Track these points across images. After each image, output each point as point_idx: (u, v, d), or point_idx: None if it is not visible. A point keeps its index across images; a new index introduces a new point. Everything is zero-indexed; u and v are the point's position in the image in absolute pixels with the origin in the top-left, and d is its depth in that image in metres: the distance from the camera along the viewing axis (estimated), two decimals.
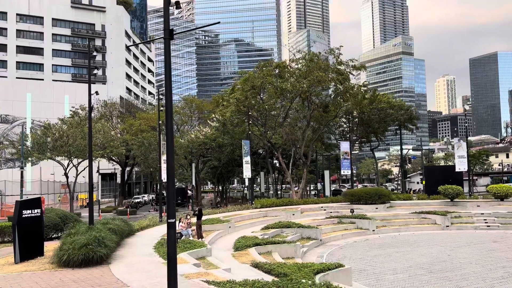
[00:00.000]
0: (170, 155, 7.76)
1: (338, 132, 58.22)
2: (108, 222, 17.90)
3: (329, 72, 37.74)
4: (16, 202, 14.45)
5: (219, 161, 57.66)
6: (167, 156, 7.75)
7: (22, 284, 11.28)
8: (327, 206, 35.17)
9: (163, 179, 27.43)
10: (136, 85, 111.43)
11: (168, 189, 7.68)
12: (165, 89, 7.88)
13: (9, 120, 77.42)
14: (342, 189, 63.10)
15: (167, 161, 7.80)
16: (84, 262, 13.18)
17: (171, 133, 7.77)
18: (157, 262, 13.84)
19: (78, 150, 43.43)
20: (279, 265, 14.56)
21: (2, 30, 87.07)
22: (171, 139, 7.77)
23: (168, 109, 7.80)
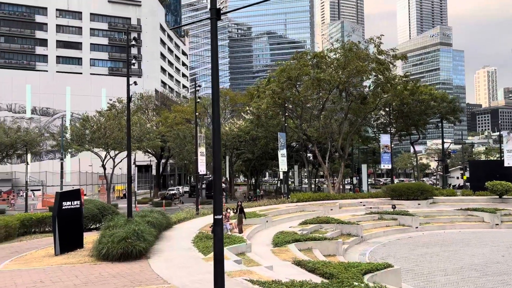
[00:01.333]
0: (217, 145, 7.13)
1: (376, 124, 56.44)
2: (146, 214, 17.63)
3: (368, 62, 36.31)
4: (56, 193, 14.33)
5: (253, 154, 57.21)
6: (214, 147, 7.13)
7: (62, 277, 11.03)
8: (366, 201, 33.98)
9: (199, 171, 27.11)
10: (170, 78, 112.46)
11: (215, 183, 7.06)
12: (211, 74, 7.25)
13: (50, 113, 79.73)
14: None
15: (213, 153, 7.18)
16: (123, 256, 12.87)
17: (218, 122, 7.14)
18: (197, 258, 13.37)
19: (115, 142, 43.97)
20: (324, 264, 13.78)
21: (42, 25, 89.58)
22: (218, 129, 7.14)
23: (214, 96, 7.16)
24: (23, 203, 48.09)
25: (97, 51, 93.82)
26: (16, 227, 22.04)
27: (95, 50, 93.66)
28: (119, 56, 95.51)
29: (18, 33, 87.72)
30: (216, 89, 7.19)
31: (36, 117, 77.90)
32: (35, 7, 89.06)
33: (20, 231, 22.50)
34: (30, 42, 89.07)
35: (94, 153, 46.67)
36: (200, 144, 27.32)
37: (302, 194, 34.97)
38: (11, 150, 43.38)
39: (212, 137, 7.12)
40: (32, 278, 11.05)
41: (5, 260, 13.95)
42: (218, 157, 7.18)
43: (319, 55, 37.77)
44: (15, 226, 21.91)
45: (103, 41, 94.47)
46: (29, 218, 23.73)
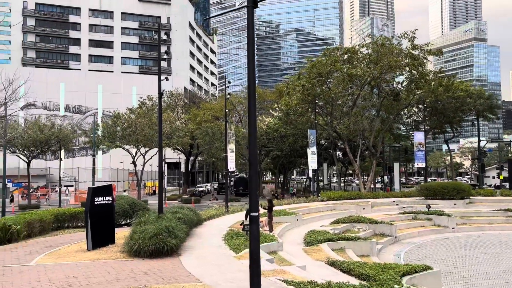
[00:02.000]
0: (253, 139, 6.79)
1: (409, 122, 54.88)
2: (177, 211, 17.53)
3: (402, 57, 35.21)
4: (89, 188, 14.36)
5: (281, 152, 56.74)
6: (250, 140, 6.79)
7: (94, 273, 10.97)
8: (400, 200, 33.01)
9: (228, 168, 26.92)
10: (199, 76, 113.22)
11: (251, 179, 6.71)
12: (248, 65, 6.91)
13: (82, 111, 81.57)
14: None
15: (250, 146, 6.85)
16: (154, 252, 12.74)
17: (254, 115, 6.79)
18: (228, 255, 13.11)
19: (145, 139, 44.44)
20: (359, 265, 13.28)
21: (76, 25, 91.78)
22: (254, 122, 6.80)
23: (251, 88, 6.82)
24: (57, 198, 49.37)
25: (127, 49, 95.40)
26: (50, 221, 22.40)
27: (125, 49, 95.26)
28: (149, 55, 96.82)
29: (53, 33, 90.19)
30: (252, 80, 6.85)
31: (69, 114, 79.86)
32: (69, 7, 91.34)
33: (54, 225, 22.85)
34: (64, 42, 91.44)
35: (125, 149, 47.34)
36: (229, 141, 27.13)
37: (333, 192, 34.31)
38: (45, 146, 44.50)
39: (248, 130, 6.78)
40: (65, 273, 11.04)
41: (39, 254, 14.09)
42: (254, 152, 6.84)
43: (350, 50, 36.91)
44: (49, 221, 22.26)
45: (133, 40, 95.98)
46: (62, 213, 24.10)
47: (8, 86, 23.16)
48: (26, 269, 11.68)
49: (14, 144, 39.26)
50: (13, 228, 17.81)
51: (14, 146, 41.10)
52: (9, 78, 24.36)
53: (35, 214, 22.08)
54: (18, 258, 13.33)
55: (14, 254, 14.11)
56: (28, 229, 19.24)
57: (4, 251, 14.89)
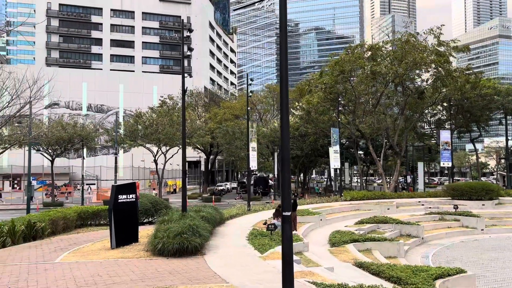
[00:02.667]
0: (285, 133, 6.44)
1: (434, 120, 53.56)
2: (200, 209, 17.32)
3: (428, 54, 34.28)
4: (112, 186, 14.24)
5: (301, 151, 56.17)
6: (282, 135, 6.44)
7: (118, 272, 10.81)
8: (425, 200, 32.15)
9: (250, 167, 26.62)
10: (219, 75, 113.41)
11: (283, 176, 6.37)
12: (280, 52, 6.56)
13: (104, 110, 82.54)
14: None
15: (282, 142, 6.49)
16: (178, 251, 12.53)
17: (286, 106, 6.44)
18: (253, 256, 12.79)
19: (167, 138, 44.58)
20: (389, 267, 12.78)
21: (98, 25, 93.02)
22: (286, 114, 6.45)
23: (283, 76, 6.47)
24: (79, 196, 49.98)
25: (148, 49, 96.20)
26: (74, 219, 22.52)
27: (146, 49, 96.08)
28: (170, 54, 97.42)
29: (76, 33, 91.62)
30: (285, 67, 6.51)
31: (91, 113, 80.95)
32: (91, 8, 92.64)
33: (77, 223, 22.97)
34: (86, 42, 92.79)
35: (147, 148, 47.62)
36: (251, 139, 26.83)
37: (356, 192, 33.67)
38: (69, 144, 45.06)
39: (281, 123, 6.44)
40: (90, 271, 10.91)
41: (64, 251, 14.05)
42: (287, 147, 6.49)
43: (374, 47, 36.15)
44: (73, 219, 22.38)
45: (154, 40, 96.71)
46: (85, 211, 24.24)
47: (33, 84, 23.39)
48: (51, 266, 11.61)
49: (39, 142, 39.84)
50: (38, 225, 17.89)
51: (38, 144, 41.73)
52: (34, 76, 24.64)
53: (59, 211, 22.23)
54: (43, 256, 13.31)
55: (39, 252, 14.11)
56: (52, 226, 19.35)
57: (29, 248, 14.92)
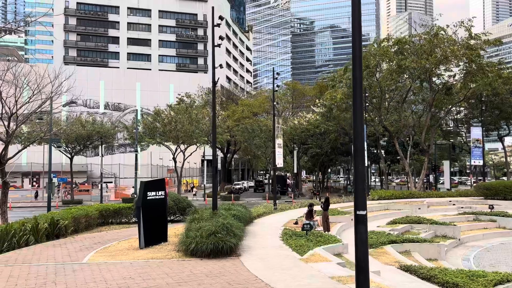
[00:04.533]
0: (359, 119, 5.51)
1: (459, 117, 51.85)
2: (230, 207, 16.49)
3: (459, 47, 32.88)
4: (141, 183, 13.45)
5: (321, 149, 55.06)
6: (355, 119, 5.51)
7: (151, 274, 10.00)
8: (456, 200, 30.82)
9: (277, 164, 25.70)
10: (235, 73, 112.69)
11: (356, 168, 5.43)
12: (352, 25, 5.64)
13: (121, 108, 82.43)
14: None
15: (354, 128, 5.57)
16: (212, 252, 11.67)
17: (360, 88, 5.51)
18: (293, 258, 11.86)
19: (185, 135, 43.97)
20: (441, 271, 11.75)
21: (115, 23, 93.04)
22: (360, 98, 5.52)
23: (356, 51, 5.54)
24: (97, 194, 49.71)
25: (165, 47, 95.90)
26: (96, 217, 21.99)
27: (163, 47, 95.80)
28: (186, 52, 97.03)
29: (93, 31, 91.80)
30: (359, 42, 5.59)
31: (108, 112, 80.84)
32: (108, 6, 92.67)
33: (98, 221, 22.43)
34: (103, 40, 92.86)
35: (165, 146, 47.07)
36: (277, 135, 25.90)
37: (383, 191, 32.53)
38: (88, 142, 44.76)
39: (353, 106, 5.51)
40: (121, 273, 10.12)
41: (90, 251, 13.34)
42: (361, 135, 5.56)
43: (402, 41, 34.86)
44: (95, 216, 21.84)
45: (170, 38, 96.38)
46: (106, 209, 23.71)
47: (55, 79, 22.88)
48: (79, 267, 10.86)
49: (59, 139, 39.58)
50: (61, 223, 17.29)
51: (59, 141, 41.48)
52: (56, 71, 24.14)
53: (81, 209, 21.66)
54: (69, 255, 12.60)
55: (64, 251, 13.41)
56: (74, 224, 18.77)
57: (54, 247, 14.26)
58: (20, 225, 15.00)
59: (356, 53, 5.66)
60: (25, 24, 72.23)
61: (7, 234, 13.64)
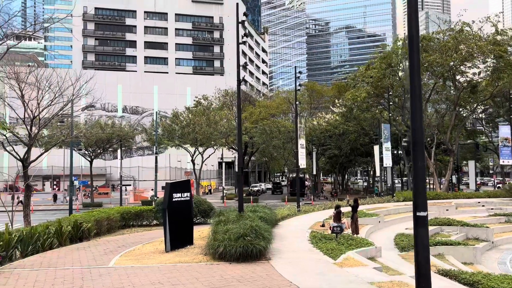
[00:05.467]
0: (418, 108, 4.99)
1: (485, 116, 50.45)
2: (256, 209, 16.02)
3: (485, 43, 31.86)
4: (167, 184, 13.09)
5: (340, 150, 54.21)
6: (414, 111, 4.99)
7: (180, 279, 9.58)
8: (485, 201, 29.80)
9: (299, 165, 25.15)
10: (250, 75, 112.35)
11: (416, 165, 4.89)
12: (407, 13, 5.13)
13: (139, 112, 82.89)
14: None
15: (412, 120, 5.04)
16: (241, 256, 11.20)
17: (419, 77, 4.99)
18: (326, 262, 11.32)
19: (204, 137, 43.77)
20: (484, 276, 11.07)
21: (132, 27, 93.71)
22: (419, 88, 5.00)
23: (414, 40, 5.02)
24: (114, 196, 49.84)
25: (181, 50, 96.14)
26: (117, 220, 21.78)
27: (180, 50, 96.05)
28: (203, 55, 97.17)
29: (111, 36, 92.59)
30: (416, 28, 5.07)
31: (126, 115, 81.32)
32: (125, 11, 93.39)
33: (119, 224, 22.22)
34: (121, 44, 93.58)
35: (184, 148, 46.95)
36: (300, 135, 25.36)
37: (409, 192, 31.58)
38: (107, 145, 44.89)
39: (411, 97, 4.99)
40: (149, 278, 9.73)
41: (114, 254, 13.02)
42: (420, 128, 5.03)
43: (426, 38, 33.98)
44: (116, 219, 21.64)
45: (187, 41, 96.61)
46: (127, 211, 23.53)
47: (76, 81, 22.81)
48: (105, 271, 10.52)
49: (80, 142, 39.76)
50: (84, 226, 17.08)
51: (79, 144, 41.70)
52: (77, 73, 24.11)
53: (102, 212, 21.50)
54: (94, 259, 12.29)
55: (89, 254, 13.13)
56: (97, 227, 18.55)
57: (78, 250, 14.00)
58: (44, 228, 14.80)
59: (413, 32, 5.16)
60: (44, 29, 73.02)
61: (32, 237, 13.42)
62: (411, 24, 5.24)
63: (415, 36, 5.20)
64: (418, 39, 5.23)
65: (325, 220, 18.93)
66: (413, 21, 5.33)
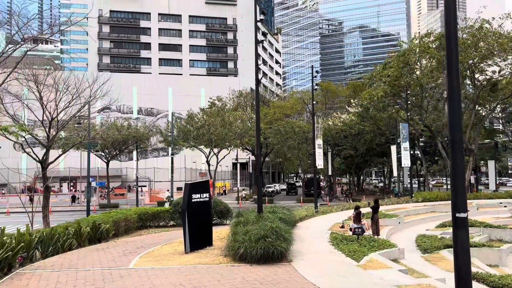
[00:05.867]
0: (456, 104, 4.75)
1: (505, 115, 49.41)
2: (275, 210, 15.84)
3: (507, 40, 31.14)
4: (186, 184, 12.98)
5: (355, 151, 53.62)
6: (452, 107, 4.75)
7: (202, 281, 9.44)
8: (508, 202, 29.11)
9: (317, 165, 24.88)
10: (264, 76, 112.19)
11: (456, 163, 4.66)
12: None
13: (154, 113, 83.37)
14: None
15: (450, 116, 4.81)
16: (262, 257, 11.02)
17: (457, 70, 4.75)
18: (349, 264, 11.07)
19: (219, 138, 43.73)
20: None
21: (146, 30, 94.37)
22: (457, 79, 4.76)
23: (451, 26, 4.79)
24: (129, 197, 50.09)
25: (195, 52, 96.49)
26: (135, 221, 21.80)
27: (193, 52, 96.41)
28: (216, 57, 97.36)
29: (125, 38, 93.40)
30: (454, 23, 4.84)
31: (141, 117, 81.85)
32: (140, 13, 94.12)
33: (137, 225, 22.23)
34: (135, 47, 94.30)
35: (199, 149, 46.98)
36: (317, 135, 25.08)
37: (428, 193, 31.15)
38: (123, 146, 45.17)
39: (448, 90, 4.76)
40: (170, 279, 9.62)
41: (134, 255, 12.95)
42: (459, 125, 4.79)
43: (444, 36, 33.30)
44: (134, 220, 21.65)
45: (201, 42, 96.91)
46: (145, 212, 23.53)
47: (93, 83, 22.96)
48: (126, 273, 10.44)
49: (97, 143, 40.09)
50: (103, 227, 17.09)
51: (96, 145, 42.07)
52: (94, 75, 24.28)
53: (120, 212, 21.53)
54: (114, 260, 12.24)
55: (108, 255, 13.09)
56: (115, 228, 18.57)
57: (97, 251, 13.98)
58: (63, 229, 14.83)
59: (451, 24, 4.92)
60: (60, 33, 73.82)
61: (52, 238, 13.44)
62: (449, 17, 5.01)
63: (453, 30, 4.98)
64: (456, 33, 5.00)
65: (344, 221, 18.65)
66: (451, 14, 5.11)
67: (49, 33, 19.72)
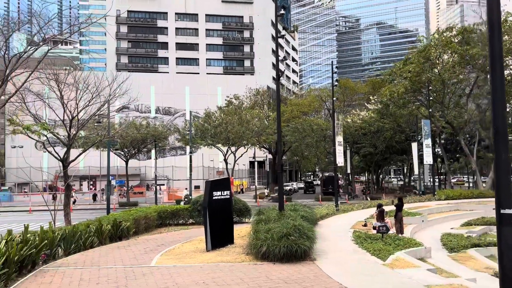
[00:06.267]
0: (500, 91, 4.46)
1: None
2: (296, 208, 15.61)
3: None
4: (207, 182, 12.86)
5: (375, 148, 52.91)
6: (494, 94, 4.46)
7: (225, 279, 9.28)
8: None
9: (337, 163, 24.53)
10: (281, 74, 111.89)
11: (499, 156, 4.36)
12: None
13: (171, 112, 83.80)
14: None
15: (493, 105, 4.51)
16: (285, 256, 10.81)
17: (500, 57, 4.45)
18: (375, 263, 10.78)
19: (237, 137, 43.67)
20: None
21: (163, 29, 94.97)
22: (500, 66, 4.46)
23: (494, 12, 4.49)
24: (151, 196, 50.42)
25: (212, 51, 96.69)
26: (154, 218, 21.88)
27: (210, 50, 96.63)
28: (233, 55, 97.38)
29: (143, 38, 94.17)
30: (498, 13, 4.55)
31: (159, 116, 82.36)
32: (157, 13, 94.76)
33: (156, 222, 22.31)
34: (153, 46, 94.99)
35: (217, 147, 47.02)
36: (337, 132, 24.72)
37: (451, 191, 30.49)
38: (142, 145, 45.49)
39: (492, 79, 4.47)
40: (192, 277, 9.49)
41: (155, 253, 12.90)
42: (502, 114, 4.49)
43: (467, 29, 32.57)
44: (153, 218, 21.73)
45: (217, 41, 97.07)
46: (164, 210, 23.62)
47: (112, 81, 23.10)
48: (148, 271, 10.37)
49: (116, 142, 40.48)
50: (123, 224, 17.14)
51: (116, 143, 42.47)
52: (113, 74, 24.44)
53: (140, 211, 21.61)
54: (135, 258, 12.20)
55: (130, 253, 13.07)
56: (135, 226, 18.62)
57: (118, 249, 13.99)
58: (85, 227, 14.89)
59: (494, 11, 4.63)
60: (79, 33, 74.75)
61: (74, 235, 13.49)
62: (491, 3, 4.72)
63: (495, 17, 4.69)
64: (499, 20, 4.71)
65: (366, 219, 18.30)
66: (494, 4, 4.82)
67: (69, 33, 19.83)
